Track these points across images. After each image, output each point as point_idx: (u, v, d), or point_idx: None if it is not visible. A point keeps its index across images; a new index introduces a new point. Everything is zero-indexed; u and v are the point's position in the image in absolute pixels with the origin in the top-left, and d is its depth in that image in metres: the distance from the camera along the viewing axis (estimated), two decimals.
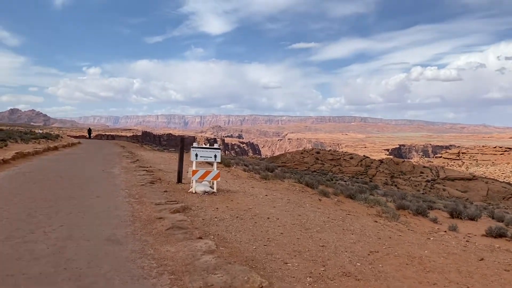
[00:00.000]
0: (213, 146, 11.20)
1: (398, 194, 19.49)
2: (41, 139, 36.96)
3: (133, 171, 14.45)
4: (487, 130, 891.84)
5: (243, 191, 11.48)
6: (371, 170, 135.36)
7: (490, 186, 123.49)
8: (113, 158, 21.17)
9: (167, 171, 15.95)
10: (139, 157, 23.14)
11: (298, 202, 10.14)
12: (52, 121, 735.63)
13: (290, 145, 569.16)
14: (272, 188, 12.98)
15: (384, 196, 17.20)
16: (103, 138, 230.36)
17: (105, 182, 11.58)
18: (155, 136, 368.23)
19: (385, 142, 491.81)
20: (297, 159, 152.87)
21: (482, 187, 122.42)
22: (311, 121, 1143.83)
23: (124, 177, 12.80)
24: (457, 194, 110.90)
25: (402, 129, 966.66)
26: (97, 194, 9.63)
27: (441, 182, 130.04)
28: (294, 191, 12.62)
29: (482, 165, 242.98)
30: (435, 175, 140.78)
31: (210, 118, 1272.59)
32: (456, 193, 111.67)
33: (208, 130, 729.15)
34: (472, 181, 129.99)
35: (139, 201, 8.85)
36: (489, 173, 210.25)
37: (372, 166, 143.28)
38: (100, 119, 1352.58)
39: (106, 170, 14.80)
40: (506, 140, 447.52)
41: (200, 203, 9.00)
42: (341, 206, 10.64)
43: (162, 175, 14.22)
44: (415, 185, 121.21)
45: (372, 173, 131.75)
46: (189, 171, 11.14)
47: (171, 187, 11.23)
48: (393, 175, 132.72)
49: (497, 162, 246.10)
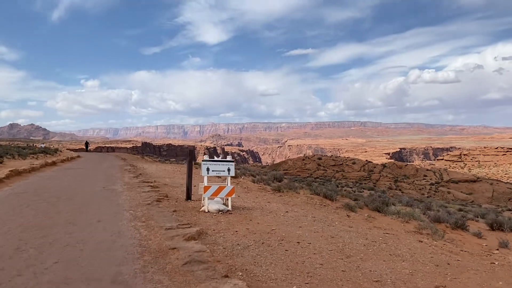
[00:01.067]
0: (226, 159, 10.08)
1: (424, 203, 18.29)
2: (39, 154, 35.87)
3: (137, 188, 13.32)
4: (487, 131, 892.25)
5: (260, 208, 10.34)
6: (374, 175, 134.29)
7: (495, 187, 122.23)
8: (115, 173, 20.05)
9: (173, 185, 14.83)
10: (142, 170, 22.03)
11: (325, 220, 9.01)
12: (51, 135, 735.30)
13: (291, 151, 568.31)
14: (290, 202, 11.84)
15: (410, 206, 16.01)
16: (103, 150, 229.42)
17: (107, 202, 10.45)
18: (155, 146, 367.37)
19: (385, 146, 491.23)
20: (299, 165, 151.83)
21: (487, 189, 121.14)
22: (310, 127, 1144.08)
23: (128, 195, 11.67)
24: (462, 196, 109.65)
25: (402, 133, 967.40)
26: (98, 217, 8.49)
27: (445, 185, 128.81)
28: (315, 206, 11.49)
29: (484, 166, 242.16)
30: (438, 178, 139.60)
31: (209, 127, 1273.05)
32: (461, 196, 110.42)
33: (207, 139, 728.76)
34: (477, 183, 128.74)
35: (146, 225, 7.71)
36: (492, 174, 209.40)
37: (375, 170, 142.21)
38: (100, 132, 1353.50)
39: (108, 187, 13.67)
40: (507, 141, 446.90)
41: (216, 225, 7.87)
42: (373, 222, 9.51)
43: (169, 191, 13.10)
44: (419, 189, 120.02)
45: (375, 177, 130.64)
46: (200, 187, 10.02)
47: (181, 206, 10.10)
48: (397, 179, 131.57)
49: (499, 163, 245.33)
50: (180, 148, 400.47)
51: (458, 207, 39.01)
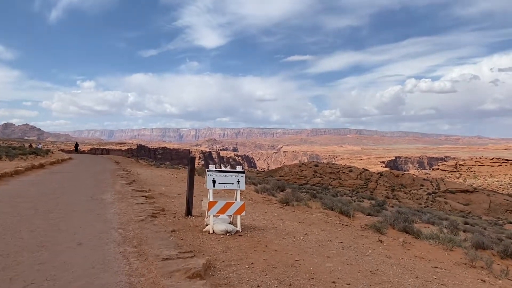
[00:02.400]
0: (236, 169, 8.51)
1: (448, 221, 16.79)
2: (29, 154, 34.15)
3: (129, 198, 11.73)
4: (482, 142, 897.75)
5: (273, 228, 8.80)
6: (371, 183, 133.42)
7: (492, 198, 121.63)
8: (106, 178, 18.43)
9: (170, 195, 13.24)
10: (136, 176, 20.41)
11: (355, 247, 7.49)
12: (46, 135, 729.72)
13: (286, 158, 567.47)
14: (306, 220, 10.30)
15: (431, 224, 14.55)
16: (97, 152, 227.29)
17: (93, 217, 8.86)
18: (150, 150, 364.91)
19: (380, 154, 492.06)
20: (295, 172, 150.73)
21: (484, 200, 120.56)
22: (306, 133, 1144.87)
23: (118, 208, 10.08)
24: (459, 207, 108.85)
25: (398, 141, 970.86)
26: (80, 238, 6.92)
27: (442, 195, 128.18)
28: (335, 225, 9.96)
29: (479, 176, 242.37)
30: (435, 187, 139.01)
31: (205, 131, 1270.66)
32: (458, 206, 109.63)
33: (203, 143, 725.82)
34: (474, 194, 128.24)
35: (138, 253, 6.15)
36: (487, 184, 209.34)
37: (372, 179, 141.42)
38: (95, 133, 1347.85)
39: (96, 196, 12.07)
40: (501, 152, 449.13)
41: (225, 254, 6.32)
42: (411, 250, 8.01)
43: (165, 202, 11.52)
44: (416, 198, 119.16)
45: (372, 186, 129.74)
46: (204, 202, 8.50)
47: (180, 223, 8.53)
48: (394, 188, 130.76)
49: (494, 174, 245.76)
50: (176, 151, 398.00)
51: (464, 220, 37.66)
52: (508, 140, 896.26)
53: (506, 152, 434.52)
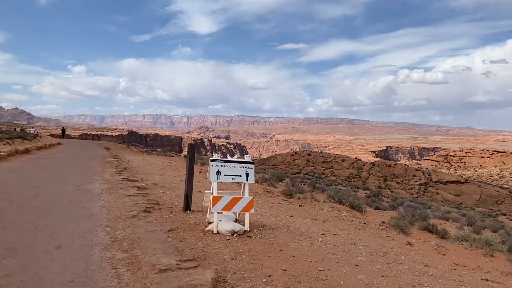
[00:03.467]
0: (243, 159, 7.36)
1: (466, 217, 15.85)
2: (16, 139, 32.63)
3: (119, 188, 10.55)
4: (472, 133, 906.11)
5: (285, 226, 7.71)
6: (363, 173, 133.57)
7: (483, 189, 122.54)
8: (95, 165, 17.18)
9: (165, 186, 12.08)
10: (127, 163, 19.17)
11: (384, 251, 6.44)
12: (36, 120, 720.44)
13: (278, 146, 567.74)
14: (318, 216, 9.24)
15: (446, 220, 13.62)
16: (88, 138, 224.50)
17: (77, 211, 7.69)
18: (141, 136, 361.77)
19: (372, 144, 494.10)
20: (288, 161, 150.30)
21: (475, 191, 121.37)
22: (298, 122, 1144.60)
23: (107, 200, 8.91)
24: (450, 198, 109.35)
25: (389, 131, 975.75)
26: (58, 240, 5.76)
27: (433, 186, 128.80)
28: (351, 222, 8.92)
29: (470, 167, 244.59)
30: (427, 178, 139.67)
31: (197, 118, 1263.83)
32: (449, 197, 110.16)
33: (195, 130, 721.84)
34: (465, 185, 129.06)
35: (129, 260, 5.02)
36: (477, 175, 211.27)
37: (364, 168, 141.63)
38: (86, 118, 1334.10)
39: (83, 186, 10.86)
40: (491, 143, 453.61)
41: (235, 262, 5.21)
42: (447, 255, 7.00)
43: (160, 194, 10.36)
44: (408, 189, 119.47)
45: (364, 175, 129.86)
46: (207, 196, 7.37)
47: (178, 221, 7.40)
48: (386, 178, 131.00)
49: (484, 165, 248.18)
50: (167, 138, 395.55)
51: (463, 213, 37.09)
52: (497, 132, 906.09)
53: (495, 144, 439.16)
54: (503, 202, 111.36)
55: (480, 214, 44.96)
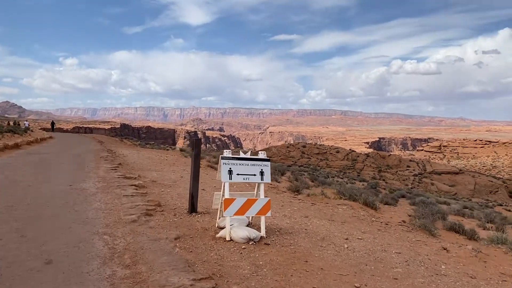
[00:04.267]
0: (258, 157, 6.54)
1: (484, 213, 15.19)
2: (6, 133, 31.51)
3: (116, 187, 9.72)
4: (465, 123, 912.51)
5: (302, 229, 6.95)
6: (358, 164, 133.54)
7: (477, 180, 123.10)
8: (88, 161, 16.29)
9: (164, 183, 11.26)
10: (122, 158, 18.29)
11: (420, 260, 5.70)
12: (27, 113, 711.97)
13: (272, 138, 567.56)
14: (334, 216, 8.49)
15: (463, 216, 12.92)
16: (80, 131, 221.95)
17: (70, 215, 6.86)
18: (134, 129, 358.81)
19: (365, 135, 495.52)
20: (283, 153, 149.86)
21: (469, 181, 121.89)
22: (292, 114, 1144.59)
23: (102, 201, 8.09)
24: (445, 188, 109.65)
25: (382, 122, 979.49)
26: (49, 252, 4.96)
27: (428, 176, 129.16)
28: (372, 223, 8.18)
29: (463, 158, 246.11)
30: (421, 169, 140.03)
31: (190, 110, 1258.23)
32: (444, 188, 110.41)
33: (188, 123, 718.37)
34: (459, 175, 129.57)
35: (133, 278, 4.23)
36: (470, 166, 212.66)
37: (358, 160, 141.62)
38: (78, 111, 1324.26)
39: (76, 184, 10.01)
40: (483, 133, 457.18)
41: (257, 279, 4.44)
42: (488, 261, 6.29)
43: (160, 193, 9.54)
44: (403, 179, 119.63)
45: (359, 167, 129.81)
46: (216, 198, 6.59)
47: (184, 225, 6.60)
48: (380, 169, 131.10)
49: (477, 155, 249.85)
50: (160, 131, 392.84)
51: (463, 204, 36.67)
52: (489, 122, 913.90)
53: (487, 134, 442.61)
54: (496, 192, 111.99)
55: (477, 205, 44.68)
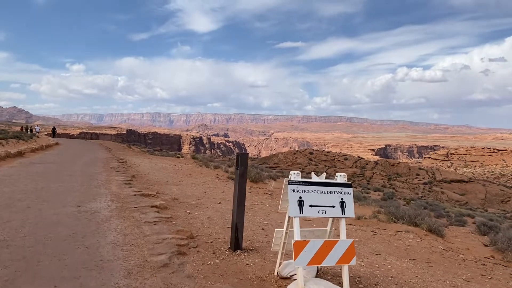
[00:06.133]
0: (336, 181, 4.84)
1: None
2: (11, 139, 30.12)
3: (133, 209, 8.04)
4: (470, 131, 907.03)
5: (388, 278, 5.24)
6: (367, 172, 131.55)
7: (488, 188, 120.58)
8: (97, 172, 14.65)
9: (188, 202, 9.55)
10: (134, 169, 16.64)
11: None
12: (34, 119, 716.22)
13: (277, 144, 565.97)
14: (410, 251, 6.76)
15: None
16: (86, 136, 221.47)
17: (79, 255, 5.20)
18: (140, 134, 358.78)
19: (370, 142, 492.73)
20: (290, 159, 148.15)
21: (480, 190, 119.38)
22: (297, 120, 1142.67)
23: (119, 231, 6.41)
24: (455, 197, 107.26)
25: (387, 129, 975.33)
26: None
27: (438, 185, 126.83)
28: (465, 263, 6.50)
29: (470, 166, 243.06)
30: (431, 177, 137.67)
31: (196, 116, 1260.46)
32: (454, 196, 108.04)
33: (194, 128, 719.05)
34: (469, 184, 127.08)
35: None
36: (478, 174, 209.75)
37: (367, 167, 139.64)
38: (84, 117, 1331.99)
39: (85, 204, 8.35)
40: (489, 141, 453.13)
41: None
42: None
43: (187, 218, 7.82)
44: (413, 188, 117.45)
45: (368, 175, 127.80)
46: (277, 237, 4.89)
47: (231, 273, 4.89)
48: (390, 177, 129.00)
49: (485, 163, 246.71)
50: (166, 136, 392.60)
51: (488, 216, 34.77)
52: (495, 130, 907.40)
53: (494, 142, 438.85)
54: (508, 201, 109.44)
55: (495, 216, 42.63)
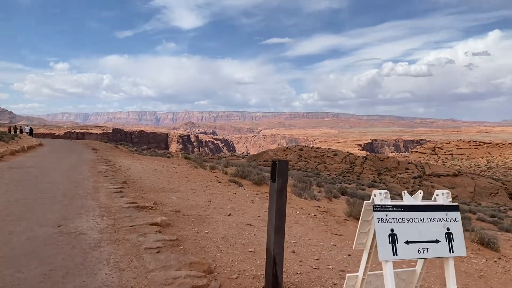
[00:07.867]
0: (437, 202, 3.37)
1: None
2: None
3: (129, 228, 6.47)
4: (455, 125, 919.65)
5: None
6: (357, 167, 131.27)
7: (477, 182, 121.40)
8: (83, 178, 12.97)
9: (192, 215, 8.00)
10: (124, 172, 14.98)
11: None
12: (18, 119, 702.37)
13: (265, 141, 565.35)
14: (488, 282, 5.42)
15: None
16: (72, 136, 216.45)
17: None
18: (126, 133, 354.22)
19: (357, 137, 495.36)
20: (280, 156, 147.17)
21: (469, 183, 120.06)
22: (285, 117, 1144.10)
23: (113, 266, 4.84)
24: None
25: (374, 124, 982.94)
26: None
27: (427, 179, 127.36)
28: None
29: (457, 159, 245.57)
30: (421, 171, 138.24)
31: (183, 114, 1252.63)
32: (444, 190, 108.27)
33: (181, 126, 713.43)
34: (458, 177, 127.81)
35: None
36: (465, 167, 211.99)
37: (356, 163, 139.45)
38: (69, 116, 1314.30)
39: (68, 224, 6.75)
40: (474, 134, 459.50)
41: None
42: None
43: (196, 238, 6.29)
44: (403, 182, 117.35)
45: (358, 170, 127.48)
46: (349, 285, 3.40)
47: None
48: (380, 172, 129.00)
49: (472, 156, 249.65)
50: (153, 135, 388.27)
51: (491, 213, 34.00)
52: (480, 123, 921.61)
53: (478, 135, 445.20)
54: (497, 194, 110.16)
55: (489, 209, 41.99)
